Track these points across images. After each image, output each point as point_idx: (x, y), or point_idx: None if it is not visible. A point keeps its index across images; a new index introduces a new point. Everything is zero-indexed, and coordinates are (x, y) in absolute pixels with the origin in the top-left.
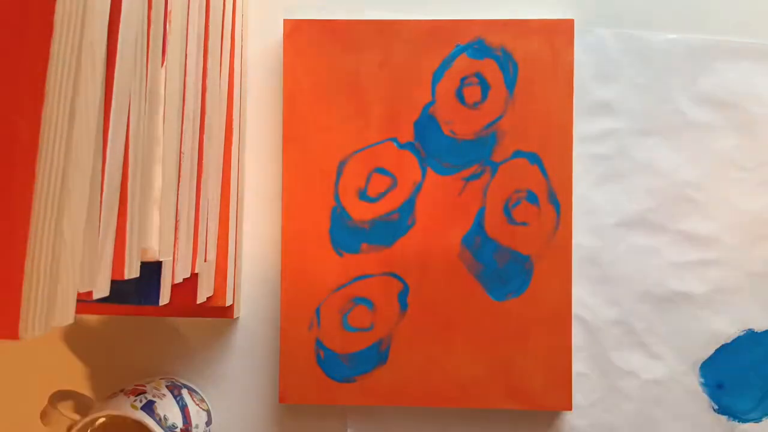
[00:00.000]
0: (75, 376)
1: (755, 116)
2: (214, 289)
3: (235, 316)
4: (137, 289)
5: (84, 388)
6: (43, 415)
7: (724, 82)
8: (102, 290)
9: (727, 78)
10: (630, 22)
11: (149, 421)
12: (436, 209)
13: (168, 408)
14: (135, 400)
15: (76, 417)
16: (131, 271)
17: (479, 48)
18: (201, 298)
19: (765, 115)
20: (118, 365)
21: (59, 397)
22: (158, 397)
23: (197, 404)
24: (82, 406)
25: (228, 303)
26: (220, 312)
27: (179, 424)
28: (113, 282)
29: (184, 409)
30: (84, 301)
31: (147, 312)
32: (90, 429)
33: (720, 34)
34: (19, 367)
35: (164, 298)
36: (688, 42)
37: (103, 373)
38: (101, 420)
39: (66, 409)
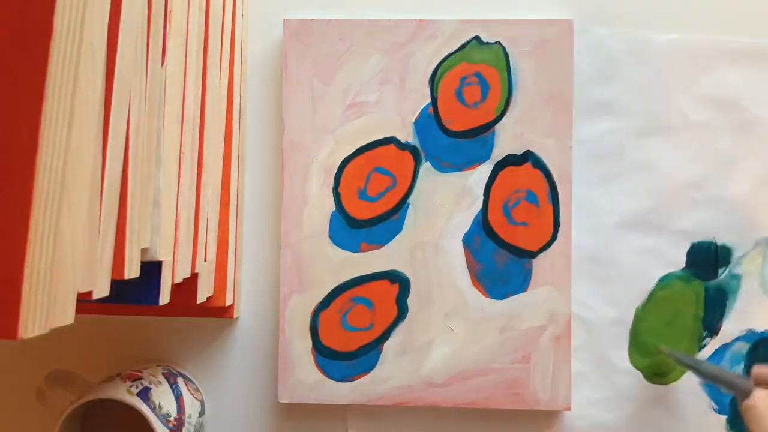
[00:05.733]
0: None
1: (755, 116)
2: (214, 289)
3: (235, 316)
4: (137, 289)
5: None
6: (39, 394)
7: (724, 82)
8: (102, 290)
9: (727, 78)
10: (630, 22)
11: (144, 409)
12: (436, 209)
13: (163, 396)
14: (131, 386)
15: (72, 398)
16: (131, 271)
17: (479, 48)
18: (201, 298)
19: (765, 115)
20: (117, 365)
21: (56, 376)
22: (154, 384)
23: (192, 394)
24: (78, 387)
25: (228, 303)
26: (220, 312)
27: (173, 413)
28: (113, 282)
29: (179, 398)
30: (84, 301)
31: (147, 312)
32: (85, 411)
33: (720, 34)
34: (14, 361)
35: (164, 298)
36: (688, 42)
37: (101, 374)
38: (96, 402)
39: (62, 389)
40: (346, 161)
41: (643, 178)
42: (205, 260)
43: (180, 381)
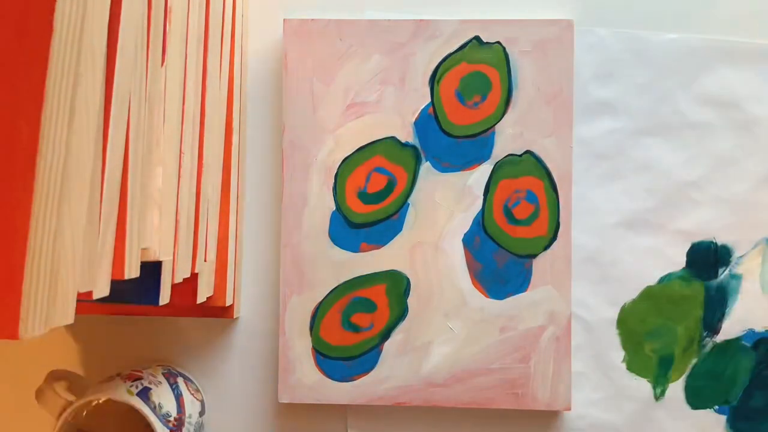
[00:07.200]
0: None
1: (755, 116)
2: (214, 289)
3: (235, 316)
4: (137, 289)
5: None
6: (39, 394)
7: (724, 82)
8: (102, 290)
9: (727, 78)
10: (630, 22)
11: (144, 408)
12: (436, 209)
13: (163, 396)
14: (131, 386)
15: (72, 398)
16: (131, 271)
17: (479, 48)
18: (201, 298)
19: (765, 115)
20: (117, 365)
21: (56, 376)
22: (154, 384)
23: (192, 394)
24: (78, 387)
25: (228, 303)
26: (220, 312)
27: (173, 412)
28: (113, 282)
29: (179, 398)
30: (84, 301)
31: (147, 312)
32: (85, 411)
33: (720, 34)
34: (14, 361)
35: (164, 298)
36: (688, 42)
37: (101, 374)
38: (96, 402)
39: (62, 390)
40: (346, 161)
41: (643, 178)
42: (205, 260)
43: (180, 381)
